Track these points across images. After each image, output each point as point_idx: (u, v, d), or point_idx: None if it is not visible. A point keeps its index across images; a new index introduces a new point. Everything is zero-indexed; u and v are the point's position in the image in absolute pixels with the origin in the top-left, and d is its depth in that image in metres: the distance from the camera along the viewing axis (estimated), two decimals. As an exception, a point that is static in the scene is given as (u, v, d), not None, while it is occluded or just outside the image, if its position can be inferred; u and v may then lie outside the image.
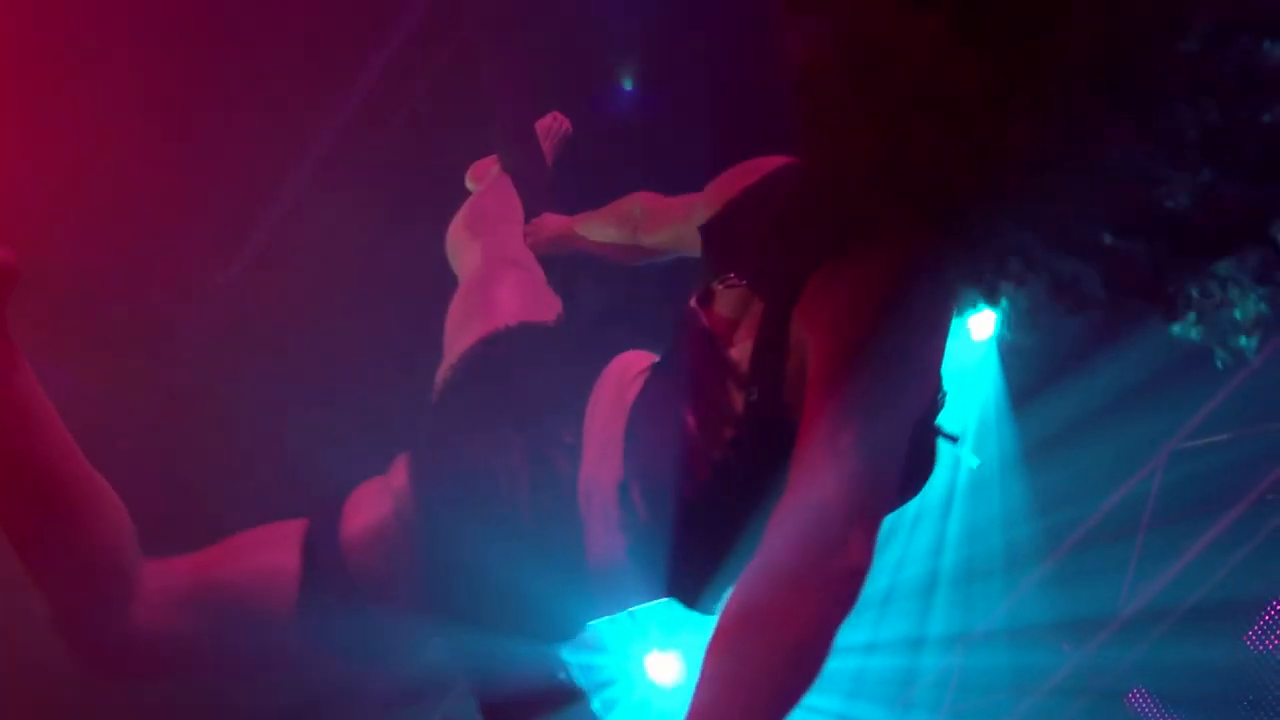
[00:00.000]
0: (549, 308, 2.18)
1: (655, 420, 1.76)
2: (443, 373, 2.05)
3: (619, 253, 2.42)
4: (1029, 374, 4.60)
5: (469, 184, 3.01)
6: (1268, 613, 4.62)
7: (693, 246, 2.08)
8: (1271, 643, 4.58)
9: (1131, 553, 4.72)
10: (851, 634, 5.07)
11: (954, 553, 4.98)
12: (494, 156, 2.91)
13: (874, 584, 5.04)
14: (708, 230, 1.93)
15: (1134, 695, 4.98)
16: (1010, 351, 4.61)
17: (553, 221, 2.56)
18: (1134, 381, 4.12)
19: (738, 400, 1.66)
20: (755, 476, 1.63)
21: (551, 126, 3.06)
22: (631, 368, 1.91)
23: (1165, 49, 1.37)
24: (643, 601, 1.81)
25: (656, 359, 1.93)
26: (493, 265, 2.38)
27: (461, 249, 2.53)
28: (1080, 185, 1.40)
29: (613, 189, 2.44)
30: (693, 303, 1.85)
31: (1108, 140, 1.38)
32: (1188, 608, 4.63)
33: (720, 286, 1.81)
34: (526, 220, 2.62)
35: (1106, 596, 4.77)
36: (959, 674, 5.16)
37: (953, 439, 1.73)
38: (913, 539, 4.97)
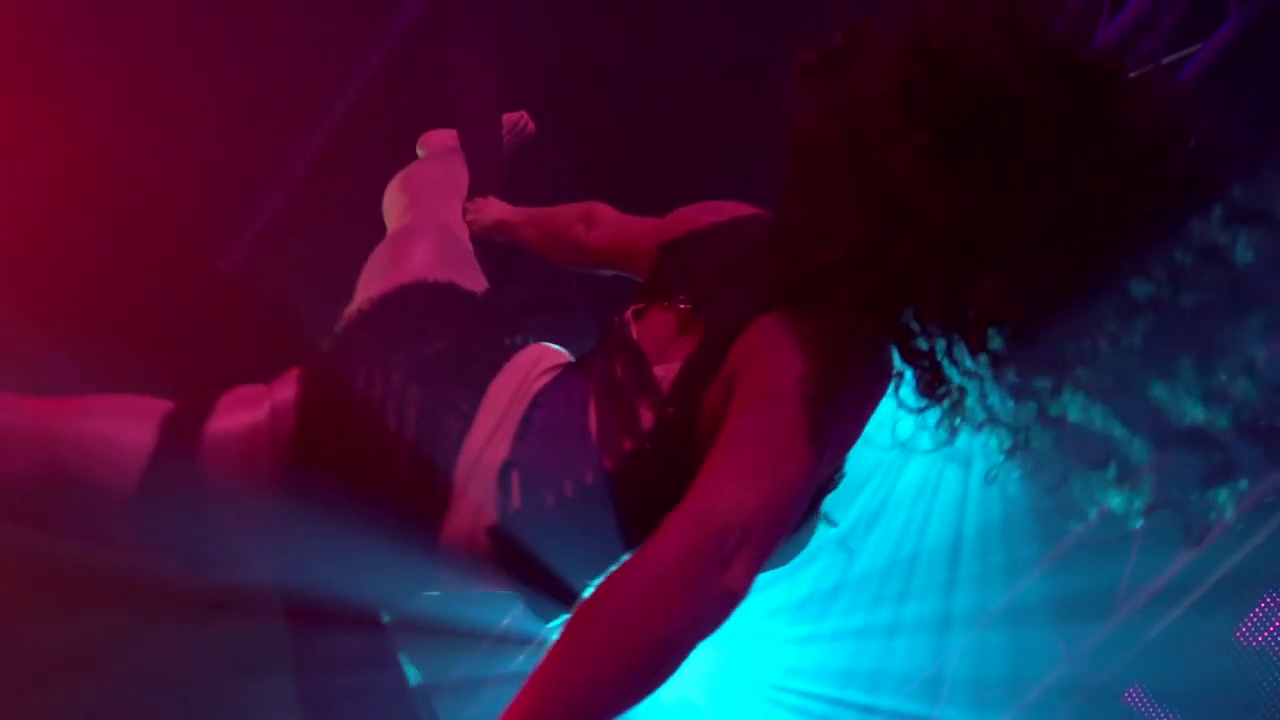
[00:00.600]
0: (473, 279, 2.16)
1: (556, 415, 1.77)
2: (353, 308, 2.01)
3: (555, 252, 2.41)
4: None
5: (419, 150, 3.03)
6: (1259, 608, 4.62)
7: (632, 265, 2.12)
8: (1261, 638, 4.58)
9: (1129, 551, 4.72)
10: (846, 620, 5.10)
11: (947, 545, 5.00)
12: (452, 131, 2.93)
13: (874, 562, 5.05)
14: (666, 250, 1.96)
15: (1131, 693, 4.97)
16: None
17: (496, 207, 2.56)
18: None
19: (648, 416, 1.68)
20: (639, 494, 1.65)
21: (517, 123, 3.08)
22: (545, 360, 1.91)
23: (1138, 223, 1.44)
24: (481, 588, 1.79)
25: (572, 360, 1.94)
26: (425, 225, 2.37)
27: (397, 207, 2.52)
28: (1041, 346, 1.45)
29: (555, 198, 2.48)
30: (627, 315, 1.87)
31: (1073, 308, 1.43)
32: (1183, 605, 4.64)
33: (663, 306, 1.83)
34: (469, 201, 2.60)
35: (1102, 594, 4.78)
36: (954, 670, 5.16)
37: (833, 523, 1.76)
38: (906, 533, 4.99)
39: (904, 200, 1.46)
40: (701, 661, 5.21)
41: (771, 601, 5.09)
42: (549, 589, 1.71)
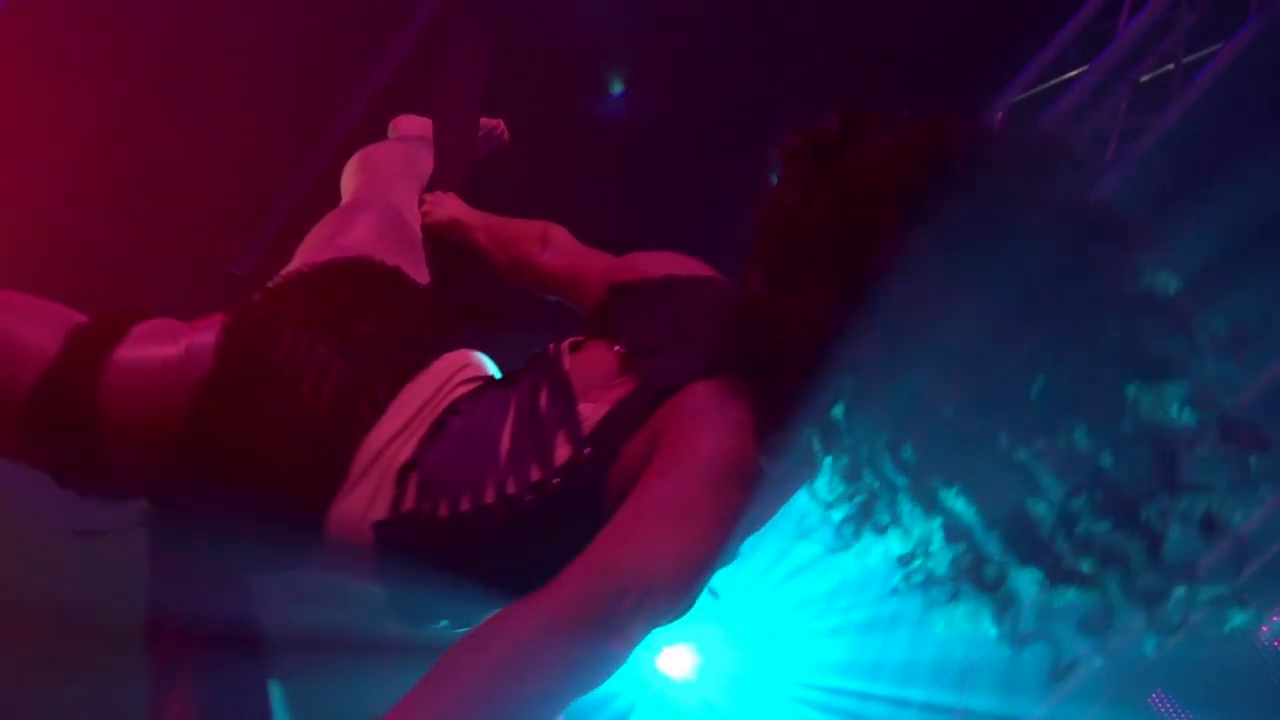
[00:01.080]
0: (417, 269, 2.09)
1: (471, 427, 1.71)
2: (292, 268, 1.93)
3: (504, 264, 2.35)
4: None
5: (390, 132, 2.99)
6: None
7: (578, 296, 2.09)
8: (1280, 640, 4.54)
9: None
10: (877, 609, 5.06)
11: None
12: (427, 121, 2.87)
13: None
14: (617, 290, 1.91)
15: (1155, 698, 4.93)
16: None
17: (454, 204, 2.48)
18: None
19: (564, 451, 1.61)
20: (533, 526, 1.59)
21: (493, 130, 3.02)
22: (470, 369, 1.87)
23: (1100, 381, 1.42)
24: (353, 579, 1.73)
25: (497, 376, 1.91)
26: (378, 203, 2.29)
27: (354, 181, 2.45)
28: (966, 467, 1.43)
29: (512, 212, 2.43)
30: (563, 345, 1.83)
31: (1012, 440, 1.41)
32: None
33: (602, 345, 1.79)
34: (428, 193, 2.52)
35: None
36: (976, 675, 5.12)
37: (714, 594, 1.73)
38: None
39: (876, 295, 1.44)
40: (724, 661, 5.20)
41: (801, 593, 5.01)
42: (421, 597, 1.67)
